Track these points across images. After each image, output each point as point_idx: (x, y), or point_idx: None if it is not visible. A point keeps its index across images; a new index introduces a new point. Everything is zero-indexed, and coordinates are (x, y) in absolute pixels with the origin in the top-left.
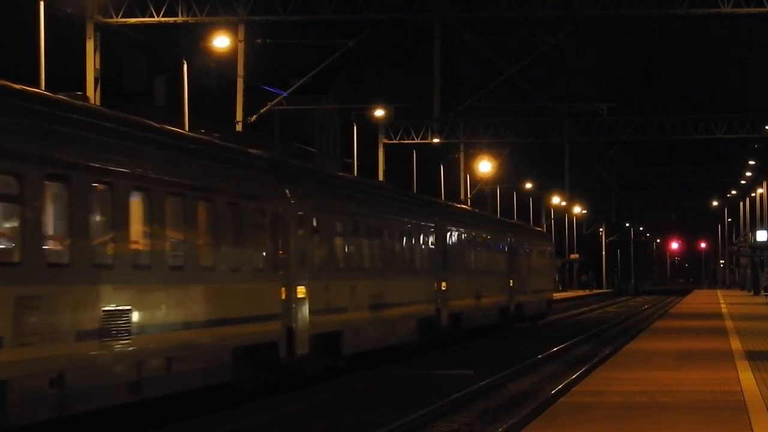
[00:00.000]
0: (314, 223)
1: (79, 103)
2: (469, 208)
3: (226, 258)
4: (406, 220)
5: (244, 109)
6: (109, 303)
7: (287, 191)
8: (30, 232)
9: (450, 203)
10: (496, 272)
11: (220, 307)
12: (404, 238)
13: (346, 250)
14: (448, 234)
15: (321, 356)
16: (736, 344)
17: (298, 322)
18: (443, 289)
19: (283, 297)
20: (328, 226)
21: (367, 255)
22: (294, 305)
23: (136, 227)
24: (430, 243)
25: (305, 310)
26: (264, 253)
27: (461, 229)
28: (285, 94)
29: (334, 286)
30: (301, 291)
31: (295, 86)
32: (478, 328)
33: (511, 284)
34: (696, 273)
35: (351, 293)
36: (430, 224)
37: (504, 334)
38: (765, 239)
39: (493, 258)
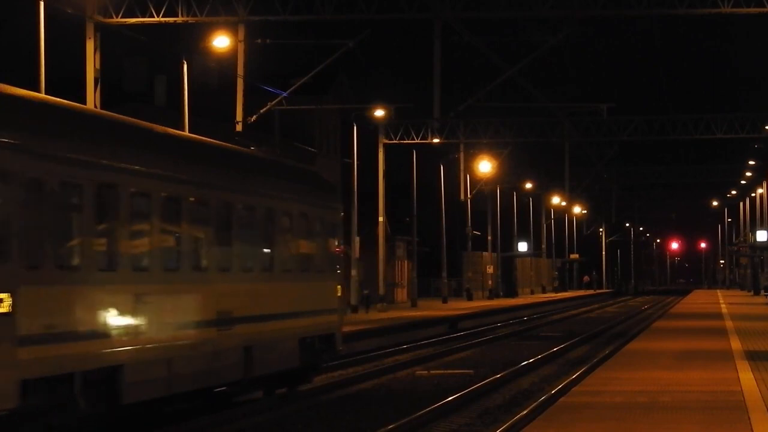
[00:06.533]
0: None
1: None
2: None
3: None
4: None
5: (244, 109)
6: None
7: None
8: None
9: None
10: None
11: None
12: None
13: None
14: None
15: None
16: (736, 344)
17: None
18: None
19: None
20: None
21: None
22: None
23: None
24: None
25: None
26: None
27: None
28: (285, 94)
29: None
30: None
31: (295, 86)
32: None
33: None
34: (696, 273)
35: None
36: None
37: None
38: (765, 239)
39: None
